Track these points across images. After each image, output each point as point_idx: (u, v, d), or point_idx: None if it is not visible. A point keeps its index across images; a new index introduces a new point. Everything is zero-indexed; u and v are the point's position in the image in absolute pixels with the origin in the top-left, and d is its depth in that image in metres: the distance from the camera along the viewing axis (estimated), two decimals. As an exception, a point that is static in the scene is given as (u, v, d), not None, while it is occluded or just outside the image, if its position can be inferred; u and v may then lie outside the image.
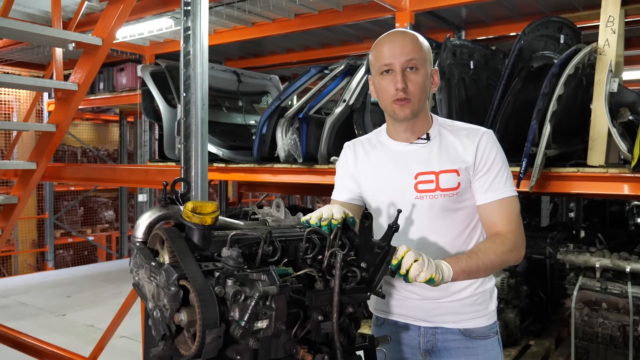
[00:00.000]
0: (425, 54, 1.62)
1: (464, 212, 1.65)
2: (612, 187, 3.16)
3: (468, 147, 1.63)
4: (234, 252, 1.05)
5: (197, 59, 2.58)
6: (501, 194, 1.61)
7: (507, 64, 3.53)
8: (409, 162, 1.67)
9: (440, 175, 1.62)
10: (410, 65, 1.58)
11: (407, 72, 1.58)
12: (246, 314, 1.00)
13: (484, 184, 1.61)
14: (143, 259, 1.10)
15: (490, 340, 1.70)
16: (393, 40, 1.61)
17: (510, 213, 1.61)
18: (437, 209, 1.62)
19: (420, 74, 1.59)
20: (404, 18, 4.30)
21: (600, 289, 3.44)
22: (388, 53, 1.59)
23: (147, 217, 1.19)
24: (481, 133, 1.65)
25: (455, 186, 1.61)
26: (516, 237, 1.58)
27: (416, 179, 1.63)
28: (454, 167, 1.62)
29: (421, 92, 1.60)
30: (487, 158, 1.62)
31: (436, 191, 1.61)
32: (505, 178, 1.62)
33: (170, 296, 0.99)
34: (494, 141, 1.65)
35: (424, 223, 1.64)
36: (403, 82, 1.57)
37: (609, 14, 3.32)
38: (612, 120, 3.10)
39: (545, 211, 7.16)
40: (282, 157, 4.48)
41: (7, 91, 9.04)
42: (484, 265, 1.50)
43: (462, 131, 1.68)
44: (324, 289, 1.19)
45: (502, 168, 1.63)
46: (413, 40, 1.61)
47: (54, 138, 3.20)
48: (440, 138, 1.68)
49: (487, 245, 1.55)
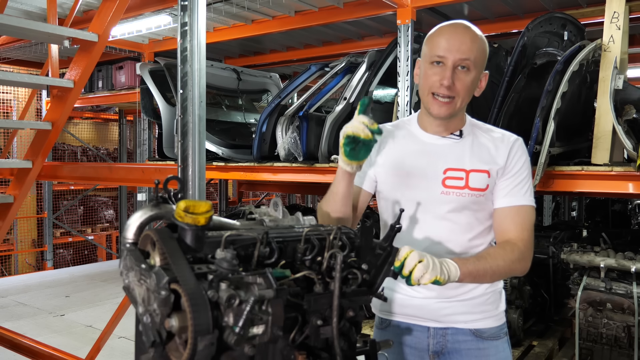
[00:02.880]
0: (481, 56, 1.58)
1: (484, 214, 1.63)
2: (617, 186, 3.13)
3: (501, 150, 1.61)
4: (228, 253, 0.99)
5: (194, 55, 2.53)
6: (520, 201, 1.59)
7: (510, 61, 3.49)
8: (439, 156, 1.63)
9: (471, 173, 1.59)
10: (463, 64, 1.54)
11: (457, 70, 1.54)
12: (241, 319, 0.94)
13: (505, 188, 1.60)
14: (133, 261, 1.04)
15: (501, 342, 1.68)
16: (453, 33, 1.56)
17: (525, 222, 1.58)
18: (461, 207, 1.59)
19: (471, 75, 1.56)
20: (405, 15, 4.25)
21: (605, 289, 3.40)
22: (445, 45, 1.55)
23: (138, 217, 1.14)
24: (514, 139, 1.65)
25: (484, 187, 1.59)
26: (526, 248, 1.56)
27: (445, 174, 1.60)
28: (486, 167, 1.60)
29: (466, 93, 1.57)
30: (516, 164, 1.60)
31: (464, 189, 1.59)
32: (527, 187, 1.61)
33: (161, 300, 0.94)
34: (524, 150, 1.65)
35: (444, 219, 1.61)
36: (450, 80, 1.53)
37: (614, 10, 3.28)
38: (617, 117, 3.07)
39: (547, 210, 7.13)
40: (282, 155, 4.44)
41: (6, 90, 9.01)
42: (492, 270, 1.48)
43: (495, 134, 1.66)
44: (323, 292, 1.14)
45: (527, 177, 1.62)
46: (473, 38, 1.56)
47: (50, 136, 3.15)
48: (473, 137, 1.65)
49: (496, 251, 1.53)
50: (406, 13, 4.26)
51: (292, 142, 4.40)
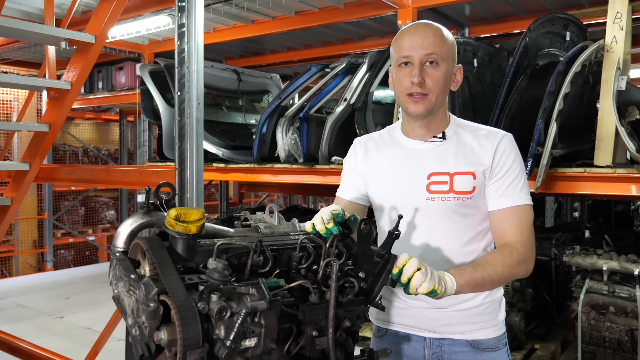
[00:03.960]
0: (448, 49, 1.54)
1: (476, 218, 1.57)
2: (620, 188, 3.10)
3: (486, 148, 1.55)
4: (219, 264, 0.96)
5: (192, 56, 2.50)
6: (515, 201, 1.53)
7: (512, 61, 3.46)
8: (422, 160, 1.59)
9: (455, 176, 1.54)
10: (430, 60, 1.51)
11: (426, 66, 1.51)
12: (232, 333, 0.92)
13: (498, 189, 1.53)
14: (122, 271, 1.01)
15: (500, 353, 1.61)
16: (415, 32, 1.54)
17: (523, 223, 1.52)
18: (449, 212, 1.54)
19: (441, 69, 1.52)
20: (406, 15, 4.22)
21: (608, 292, 3.37)
22: (408, 45, 1.52)
23: (128, 225, 1.11)
24: (501, 136, 1.57)
25: (470, 190, 1.53)
26: (526, 249, 1.50)
27: (429, 179, 1.56)
28: (470, 169, 1.54)
29: (439, 88, 1.53)
30: (505, 162, 1.54)
31: (449, 193, 1.53)
32: (521, 185, 1.54)
33: (149, 313, 0.91)
34: (513, 145, 1.58)
35: (433, 226, 1.56)
36: (420, 76, 1.50)
37: (617, 10, 3.24)
38: (619, 119, 3.03)
39: (549, 211, 7.08)
40: (282, 157, 4.41)
41: (7, 91, 8.99)
42: (490, 278, 1.42)
43: (480, 132, 1.60)
44: (319, 301, 1.11)
45: (519, 174, 1.55)
46: (436, 33, 1.53)
47: (47, 138, 3.13)
48: (457, 138, 1.60)
49: (494, 257, 1.47)
50: (407, 13, 4.23)
51: (293, 144, 4.37)
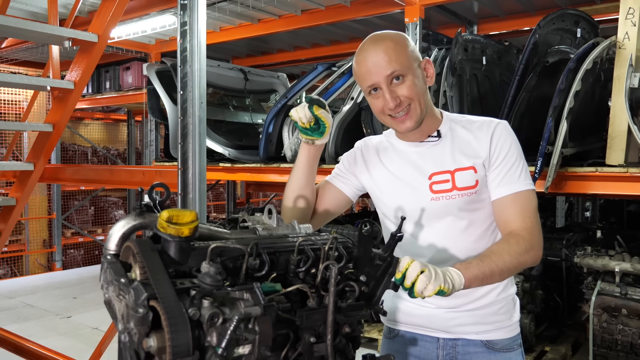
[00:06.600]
0: (407, 57, 1.48)
1: (484, 212, 1.53)
2: (633, 188, 3.04)
3: (482, 139, 1.52)
4: (212, 267, 0.92)
5: (194, 55, 2.47)
6: (515, 188, 1.48)
7: (521, 59, 3.41)
8: (422, 162, 1.56)
9: (456, 173, 1.51)
10: (394, 77, 1.47)
11: (393, 84, 1.47)
12: (224, 340, 0.87)
13: (496, 177, 1.50)
14: (113, 275, 0.98)
15: (514, 353, 1.58)
16: (367, 56, 1.49)
17: (526, 209, 1.47)
18: (455, 210, 1.51)
19: (408, 80, 1.47)
20: (413, 12, 4.17)
21: (620, 294, 3.30)
22: (366, 73, 1.49)
23: (120, 227, 1.07)
24: (495, 124, 1.54)
25: (473, 184, 1.50)
26: (532, 236, 1.44)
27: (430, 180, 1.53)
28: (470, 163, 1.51)
29: (417, 95, 1.49)
30: (501, 149, 1.50)
31: (453, 191, 1.50)
32: (520, 170, 1.50)
33: (138, 319, 0.87)
34: (508, 132, 1.54)
35: (442, 225, 1.53)
36: (393, 100, 1.46)
37: (629, 5, 3.17)
38: (632, 117, 2.96)
39: (560, 211, 6.99)
40: (288, 156, 4.38)
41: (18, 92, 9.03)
42: (499, 268, 1.38)
43: (474, 124, 1.56)
44: (317, 306, 1.07)
45: (517, 160, 1.50)
46: (387, 49, 1.47)
47: (52, 138, 3.11)
48: (452, 134, 1.57)
49: (500, 247, 1.42)
50: (414, 11, 4.18)
51: (299, 143, 4.33)
